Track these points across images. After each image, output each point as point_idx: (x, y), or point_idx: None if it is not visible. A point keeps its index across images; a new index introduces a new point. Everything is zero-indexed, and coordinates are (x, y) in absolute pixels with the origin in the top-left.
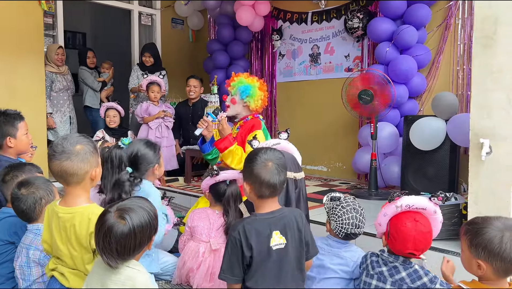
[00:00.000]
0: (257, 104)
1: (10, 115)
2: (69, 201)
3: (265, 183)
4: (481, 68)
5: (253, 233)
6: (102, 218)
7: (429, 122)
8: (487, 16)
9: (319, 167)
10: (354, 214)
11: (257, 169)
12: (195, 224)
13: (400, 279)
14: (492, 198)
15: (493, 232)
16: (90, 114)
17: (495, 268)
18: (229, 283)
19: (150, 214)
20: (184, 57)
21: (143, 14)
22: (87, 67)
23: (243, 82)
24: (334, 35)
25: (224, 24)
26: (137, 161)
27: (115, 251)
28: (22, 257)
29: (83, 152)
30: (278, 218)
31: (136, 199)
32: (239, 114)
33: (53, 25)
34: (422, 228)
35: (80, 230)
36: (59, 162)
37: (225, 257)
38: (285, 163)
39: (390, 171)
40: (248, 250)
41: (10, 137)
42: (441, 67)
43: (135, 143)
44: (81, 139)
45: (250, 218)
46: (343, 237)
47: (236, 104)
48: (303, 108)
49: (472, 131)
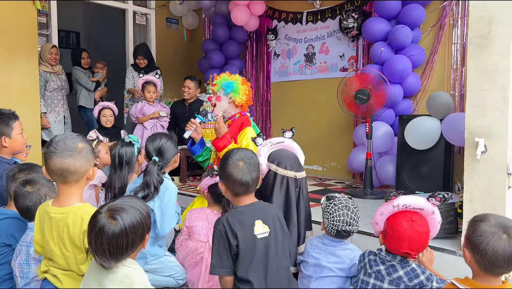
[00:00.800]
0: (242, 98)
1: (5, 114)
2: (63, 200)
3: (237, 181)
4: (476, 68)
5: (236, 223)
6: (93, 219)
7: (424, 121)
8: (482, 16)
9: (314, 166)
10: (346, 212)
11: (229, 169)
12: (193, 224)
13: (398, 278)
14: (487, 196)
15: (484, 226)
16: (84, 114)
17: (477, 261)
18: (221, 276)
19: (142, 213)
20: (179, 57)
21: (138, 14)
22: (80, 67)
23: (226, 79)
24: (329, 35)
25: (219, 23)
26: (162, 151)
27: (108, 252)
28: (21, 255)
29: (85, 151)
30: (257, 209)
31: (128, 198)
32: (226, 111)
33: (47, 24)
34: (418, 228)
35: (74, 230)
36: (61, 160)
37: (213, 252)
38: (256, 162)
39: (385, 170)
40: (233, 238)
41: (5, 136)
42: (436, 67)
43: (158, 136)
44: (81, 138)
45: (231, 211)
46: (335, 235)
47: (222, 101)
48: (298, 108)
49: (467, 130)
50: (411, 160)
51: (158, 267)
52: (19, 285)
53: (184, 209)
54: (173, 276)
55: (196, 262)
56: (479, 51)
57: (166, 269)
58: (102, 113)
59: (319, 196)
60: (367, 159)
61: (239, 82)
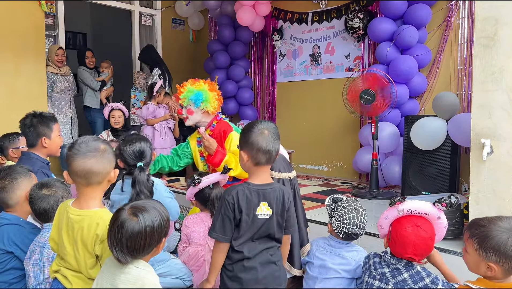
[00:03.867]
0: (214, 105)
1: (46, 116)
2: (83, 203)
3: (262, 149)
4: (482, 69)
5: (244, 200)
6: (116, 214)
7: (430, 122)
8: (488, 17)
9: (319, 167)
10: (355, 214)
11: (253, 137)
12: (190, 230)
13: (402, 281)
14: (493, 198)
15: (502, 234)
16: (89, 114)
17: (505, 268)
18: (220, 241)
19: (162, 216)
20: (185, 57)
21: (144, 15)
22: (86, 67)
23: (192, 91)
24: (335, 35)
25: (225, 24)
26: (144, 154)
27: (125, 247)
28: (36, 256)
29: (107, 152)
30: (268, 191)
31: (151, 200)
32: (200, 122)
33: (54, 25)
34: (423, 233)
35: (88, 234)
36: (84, 161)
37: (217, 218)
38: (278, 134)
39: (391, 170)
40: (238, 213)
41: (45, 137)
42: (442, 67)
43: (134, 140)
44: (100, 139)
45: (243, 185)
46: (344, 238)
47: (194, 114)
48: (304, 108)
49: (473, 131)
50: (417, 161)
51: (166, 270)
52: (31, 285)
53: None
54: (181, 278)
55: (199, 266)
56: (485, 52)
57: (174, 271)
58: (111, 114)
59: (325, 196)
60: (373, 160)
61: (207, 90)
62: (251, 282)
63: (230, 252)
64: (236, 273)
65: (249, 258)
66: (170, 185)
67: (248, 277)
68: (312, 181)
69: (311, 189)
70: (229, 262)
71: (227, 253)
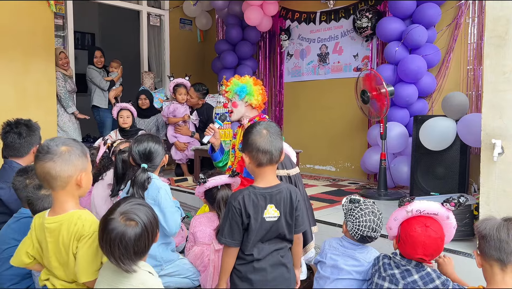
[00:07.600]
0: (258, 99)
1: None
2: (57, 209)
3: (261, 149)
4: (493, 69)
5: (251, 205)
6: (108, 228)
7: (439, 122)
8: (499, 16)
9: (327, 167)
10: (372, 218)
11: (252, 138)
12: (196, 229)
13: (413, 282)
14: (504, 198)
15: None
16: (97, 114)
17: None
18: (229, 246)
19: (150, 209)
20: (192, 58)
21: (152, 15)
22: (95, 66)
23: (237, 84)
24: (343, 35)
25: (232, 24)
26: (151, 156)
27: (133, 253)
28: None
29: (68, 154)
30: (274, 193)
31: (130, 199)
32: (244, 115)
33: (63, 26)
34: (432, 233)
35: (67, 236)
36: (42, 163)
37: (225, 223)
38: (279, 133)
39: (399, 171)
40: (246, 218)
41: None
42: (451, 66)
43: (144, 140)
44: (68, 141)
45: (248, 190)
46: (359, 239)
47: (238, 106)
48: (311, 108)
49: (484, 132)
50: (426, 161)
51: (174, 270)
52: (37, 285)
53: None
54: (190, 277)
55: (204, 265)
56: (496, 52)
57: (183, 271)
58: (120, 114)
59: (333, 196)
60: (381, 160)
61: (252, 84)
62: (260, 283)
63: (240, 253)
64: (246, 274)
65: (259, 259)
66: (178, 184)
67: (258, 278)
68: (320, 181)
69: (318, 189)
70: (239, 263)
71: (238, 254)
